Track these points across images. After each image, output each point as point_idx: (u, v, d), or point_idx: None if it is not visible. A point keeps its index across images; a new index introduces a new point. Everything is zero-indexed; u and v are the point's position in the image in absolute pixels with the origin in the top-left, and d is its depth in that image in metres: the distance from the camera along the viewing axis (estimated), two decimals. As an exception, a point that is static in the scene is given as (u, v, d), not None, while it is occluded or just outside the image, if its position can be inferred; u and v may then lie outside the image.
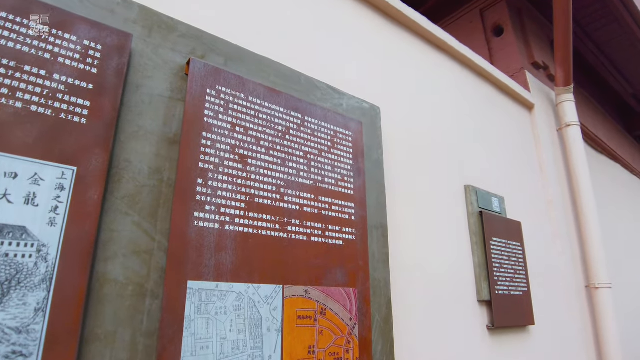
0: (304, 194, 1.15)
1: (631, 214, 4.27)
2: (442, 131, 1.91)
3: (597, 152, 3.97)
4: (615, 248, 3.59)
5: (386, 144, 1.58)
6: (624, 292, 3.39)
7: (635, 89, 4.76)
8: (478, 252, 1.79)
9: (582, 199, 2.62)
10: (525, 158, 2.50)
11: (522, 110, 2.66)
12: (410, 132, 1.74)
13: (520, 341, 1.90)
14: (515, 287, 1.91)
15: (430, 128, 1.85)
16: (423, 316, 1.48)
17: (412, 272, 1.50)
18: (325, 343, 1.06)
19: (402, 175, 1.62)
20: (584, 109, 3.94)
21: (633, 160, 4.68)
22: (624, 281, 3.48)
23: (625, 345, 2.91)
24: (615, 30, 3.93)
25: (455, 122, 2.01)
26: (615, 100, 4.89)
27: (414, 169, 1.68)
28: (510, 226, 2.02)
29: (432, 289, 1.56)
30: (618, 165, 4.29)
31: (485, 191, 1.97)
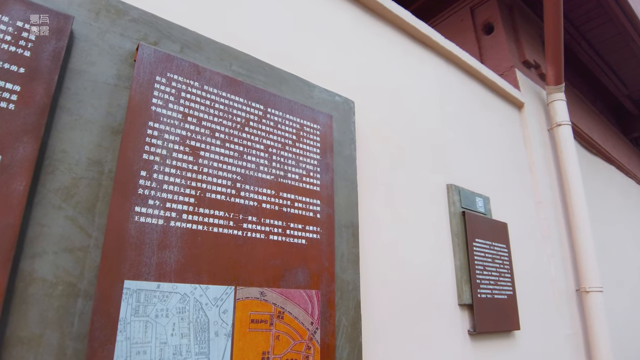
0: (263, 190, 1.08)
1: (626, 217, 4.20)
2: (425, 129, 1.84)
3: (591, 153, 3.90)
4: (609, 251, 3.51)
5: (362, 140, 1.51)
6: (617, 296, 3.31)
7: (630, 90, 4.69)
8: (459, 253, 1.72)
9: (573, 200, 2.55)
10: (514, 158, 2.43)
11: (512, 109, 2.59)
12: (390, 129, 1.67)
13: (504, 347, 1.83)
14: (500, 290, 1.83)
15: (412, 125, 1.78)
16: (398, 320, 1.41)
17: (387, 274, 1.43)
18: (282, 349, 0.99)
19: (380, 172, 1.55)
20: (578, 110, 3.88)
21: (629, 163, 4.61)
22: (617, 285, 3.40)
23: (617, 351, 2.83)
24: (609, 31, 3.87)
25: (439, 120, 1.94)
26: (610, 101, 4.82)
27: (393, 167, 1.61)
28: (496, 227, 1.94)
29: (408, 292, 1.48)
30: (613, 167, 4.22)
31: (469, 191, 1.90)
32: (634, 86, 4.66)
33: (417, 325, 1.47)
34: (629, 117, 5.06)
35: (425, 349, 1.47)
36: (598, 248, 3.27)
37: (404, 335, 1.42)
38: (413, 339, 1.44)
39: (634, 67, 4.32)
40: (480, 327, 1.67)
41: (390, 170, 1.59)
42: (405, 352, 1.40)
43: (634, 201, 4.59)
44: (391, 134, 1.66)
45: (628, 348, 3.16)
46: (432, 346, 1.50)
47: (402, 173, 1.64)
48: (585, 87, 4.44)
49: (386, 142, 1.63)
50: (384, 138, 1.62)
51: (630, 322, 3.42)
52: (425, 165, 1.76)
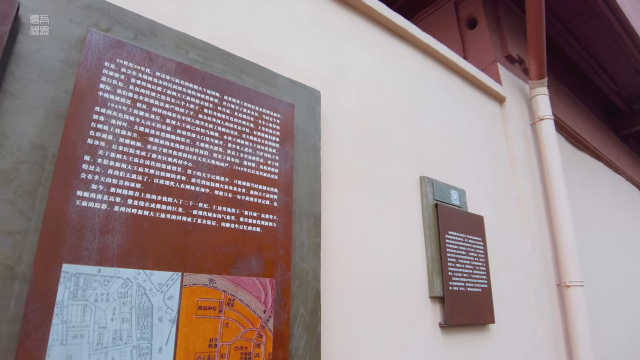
0: (216, 177, 1.08)
1: (614, 212, 4.19)
2: (398, 121, 1.84)
3: (579, 150, 3.89)
4: (596, 247, 3.51)
5: (330, 130, 1.50)
6: (602, 291, 3.30)
7: (620, 86, 4.68)
8: (431, 246, 1.71)
9: (555, 194, 2.54)
10: (494, 152, 2.42)
11: (493, 104, 2.59)
12: (361, 120, 1.66)
13: (478, 340, 1.82)
14: (474, 283, 1.82)
15: (384, 117, 1.77)
16: (364, 312, 1.40)
17: (354, 265, 1.42)
18: (232, 336, 0.98)
19: (349, 163, 1.54)
20: (565, 107, 3.87)
21: (618, 159, 4.60)
22: (603, 280, 3.39)
23: (599, 346, 2.82)
24: (596, 27, 3.87)
25: (413, 113, 1.94)
26: (600, 98, 4.81)
27: (363, 158, 1.61)
28: (471, 220, 1.94)
29: (376, 284, 1.48)
30: (601, 163, 4.22)
31: (444, 183, 1.90)
32: (623, 83, 4.65)
33: (385, 317, 1.46)
34: (620, 114, 5.05)
35: (393, 341, 1.46)
36: (584, 243, 3.27)
37: (371, 327, 1.41)
38: (380, 331, 1.43)
39: (622, 63, 4.31)
40: (451, 319, 1.66)
41: (360, 161, 1.58)
42: (372, 344, 1.39)
43: (622, 197, 4.58)
44: (362, 125, 1.65)
45: (610, 343, 3.15)
46: (400, 338, 1.49)
47: (372, 164, 1.63)
48: (574, 84, 4.43)
49: (356, 133, 1.62)
50: (354, 129, 1.62)
51: (617, 317, 3.41)
52: (398, 157, 1.75)
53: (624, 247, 4.18)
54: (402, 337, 1.50)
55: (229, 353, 0.97)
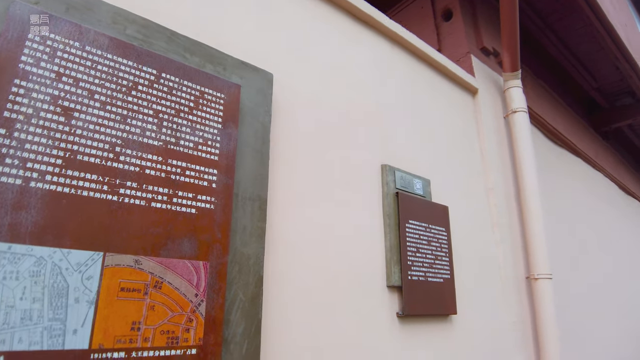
0: (148, 155, 1.04)
1: (592, 208, 4.21)
2: (360, 108, 1.81)
3: (557, 145, 3.90)
4: (573, 242, 3.52)
5: (284, 114, 1.47)
6: (576, 285, 3.31)
7: (599, 83, 4.70)
8: (390, 234, 1.69)
9: (526, 187, 2.54)
10: (464, 143, 2.40)
11: (465, 95, 2.57)
12: (320, 105, 1.63)
13: (438, 331, 1.80)
14: (435, 273, 1.80)
15: (346, 103, 1.74)
16: (314, 300, 1.37)
17: (304, 251, 1.39)
18: (157, 319, 0.95)
19: (304, 148, 1.51)
20: (544, 102, 3.87)
21: (596, 155, 4.62)
22: (577, 274, 3.40)
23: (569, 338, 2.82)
24: (575, 22, 3.87)
25: (378, 100, 1.91)
26: (580, 95, 4.83)
27: (320, 143, 1.57)
28: (434, 210, 1.92)
29: (329, 271, 1.45)
30: (579, 159, 4.23)
31: (407, 172, 1.87)
32: (603, 79, 4.66)
33: (337, 305, 1.44)
34: (599, 110, 5.07)
35: (345, 330, 1.43)
36: (560, 237, 3.27)
37: (321, 316, 1.38)
38: (331, 320, 1.41)
39: (601, 59, 4.32)
40: (409, 309, 1.64)
41: (317, 147, 1.55)
42: (322, 334, 1.36)
43: (601, 193, 4.60)
44: (321, 110, 1.62)
45: (581, 335, 3.16)
46: (354, 328, 1.47)
47: (330, 150, 1.60)
48: (554, 80, 4.43)
49: (314, 117, 1.59)
50: (312, 114, 1.58)
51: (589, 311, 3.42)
52: (358, 144, 1.72)
53: (600, 242, 4.20)
54: (355, 326, 1.47)
55: (153, 337, 0.93)
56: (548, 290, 2.39)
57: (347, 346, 1.42)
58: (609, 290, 4.06)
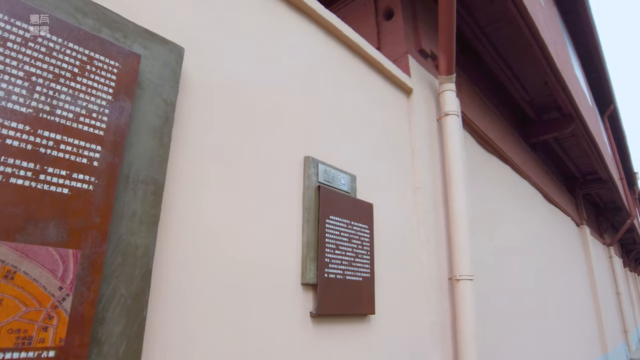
0: (12, 124, 0.88)
1: (516, 213, 4.41)
2: (286, 95, 1.72)
3: (488, 151, 4.04)
4: (495, 244, 3.65)
5: (195, 94, 1.34)
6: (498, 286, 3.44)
7: (531, 96, 4.95)
8: (308, 229, 1.61)
9: (453, 189, 2.57)
10: (396, 142, 2.39)
11: (399, 94, 2.56)
12: (239, 88, 1.52)
13: (355, 331, 1.75)
14: (354, 272, 1.75)
15: (269, 89, 1.64)
16: (216, 298, 1.26)
17: (209, 243, 1.28)
18: (5, 316, 0.80)
19: (217, 133, 1.39)
20: (478, 109, 4.00)
21: (524, 164, 4.86)
22: (500, 276, 3.54)
23: (489, 338, 2.91)
24: (511, 34, 4.02)
25: (306, 90, 1.83)
26: (513, 105, 5.06)
27: (236, 129, 1.46)
28: (358, 207, 1.87)
29: (236, 266, 1.34)
30: (507, 166, 4.42)
31: (332, 166, 1.81)
32: (534, 93, 4.92)
33: (243, 303, 1.34)
34: (529, 122, 5.35)
35: (250, 331, 1.34)
36: (485, 240, 3.38)
37: (224, 316, 1.27)
38: (236, 320, 1.30)
39: (533, 73, 4.53)
40: (324, 308, 1.57)
41: (232, 132, 1.44)
42: (224, 335, 1.26)
43: (525, 200, 4.85)
44: (240, 94, 1.51)
45: (501, 336, 3.29)
46: (261, 327, 1.37)
47: (248, 137, 1.50)
48: (490, 89, 4.60)
49: (231, 101, 1.47)
50: (229, 97, 1.47)
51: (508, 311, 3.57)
52: (280, 134, 1.63)
53: (523, 246, 4.42)
54: (263, 327, 1.38)
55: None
56: (469, 291, 2.43)
57: (253, 349, 1.33)
58: (528, 291, 4.28)
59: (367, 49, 2.29)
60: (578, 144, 6.18)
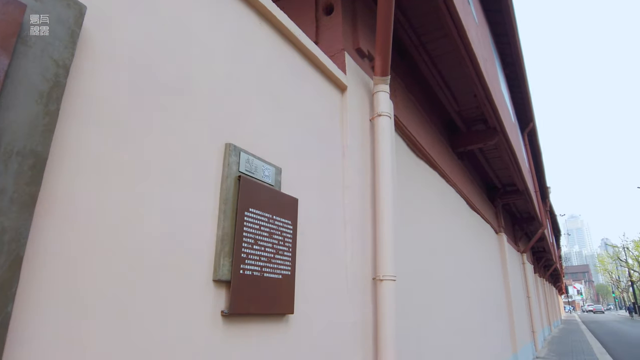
0: None
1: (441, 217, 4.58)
2: (210, 77, 1.59)
3: (418, 157, 4.15)
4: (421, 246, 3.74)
5: (97, 60, 1.18)
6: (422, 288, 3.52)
7: (460, 107, 5.18)
8: (225, 222, 1.50)
9: (381, 189, 2.57)
10: (327, 138, 2.34)
11: (334, 91, 2.52)
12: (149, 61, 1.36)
13: (271, 331, 1.66)
14: (273, 269, 1.66)
15: (189, 68, 1.51)
16: (110, 293, 1.11)
17: (103, 232, 1.12)
18: None
19: (123, 107, 1.23)
20: (412, 115, 4.09)
21: (451, 172, 5.08)
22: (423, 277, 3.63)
23: (411, 339, 2.96)
24: (445, 46, 4.16)
25: (233, 74, 1.71)
26: (443, 114, 5.26)
27: (147, 106, 1.31)
28: (282, 201, 1.78)
29: (135, 259, 1.19)
30: (436, 173, 4.58)
31: (255, 156, 1.71)
32: (463, 105, 5.15)
33: (141, 301, 1.19)
34: (458, 132, 5.60)
35: (152, 332, 1.20)
36: (411, 242, 3.44)
37: (121, 313, 1.12)
38: (134, 319, 1.16)
39: (463, 85, 4.74)
40: (237, 307, 1.46)
41: (137, 108, 1.29)
42: (120, 334, 1.11)
43: (450, 205, 5.06)
44: (151, 68, 1.36)
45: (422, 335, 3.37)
46: (164, 329, 1.24)
47: (156, 115, 1.35)
48: (423, 97, 4.74)
49: (140, 73, 1.32)
50: (137, 68, 1.31)
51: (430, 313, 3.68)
52: (198, 116, 1.50)
53: (447, 248, 4.60)
54: (164, 326, 1.24)
55: None
56: (391, 291, 2.44)
57: (153, 352, 1.19)
58: (450, 293, 4.45)
59: (304, 40, 2.22)
60: (500, 157, 6.60)
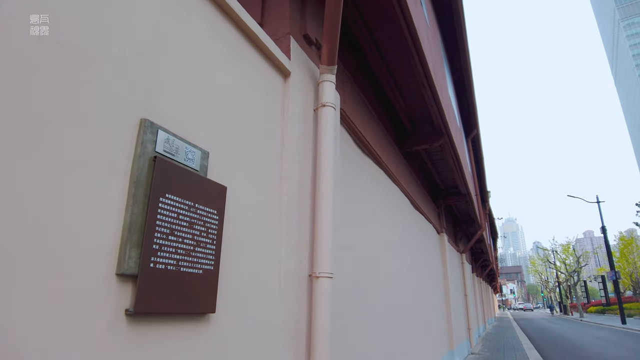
0: None
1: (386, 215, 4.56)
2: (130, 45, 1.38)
3: (364, 153, 4.08)
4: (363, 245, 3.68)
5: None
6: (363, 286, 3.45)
7: (408, 107, 5.18)
8: (135, 207, 1.30)
9: (322, 183, 2.46)
10: (264, 125, 2.18)
11: (275, 76, 2.36)
12: (57, 20, 1.15)
13: (189, 333, 1.48)
14: (193, 263, 1.49)
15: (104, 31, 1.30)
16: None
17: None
18: None
19: (12, 68, 1.02)
20: (360, 112, 4.02)
21: (396, 171, 5.08)
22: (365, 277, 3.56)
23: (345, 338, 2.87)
24: (396, 43, 4.11)
25: (159, 43, 1.51)
26: (392, 113, 5.25)
27: (46, 69, 1.10)
28: (207, 188, 1.61)
29: (17, 248, 0.98)
30: (382, 171, 4.55)
31: (178, 136, 1.52)
32: (411, 105, 5.15)
33: (23, 298, 0.98)
34: (405, 132, 5.63)
35: (33, 334, 0.99)
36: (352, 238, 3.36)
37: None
38: (6, 318, 0.95)
39: (412, 85, 4.73)
40: (145, 305, 1.27)
41: (36, 68, 1.07)
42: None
43: (395, 204, 5.07)
44: (58, 26, 1.14)
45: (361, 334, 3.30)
46: (50, 330, 1.03)
47: (61, 81, 1.14)
48: (373, 94, 4.69)
49: (45, 32, 1.10)
50: (39, 25, 1.10)
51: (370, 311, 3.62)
52: (108, 83, 1.29)
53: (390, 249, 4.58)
54: (54, 327, 1.04)
55: None
56: (327, 289, 2.33)
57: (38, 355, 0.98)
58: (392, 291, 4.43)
59: (245, 18, 2.04)
60: (445, 159, 6.73)
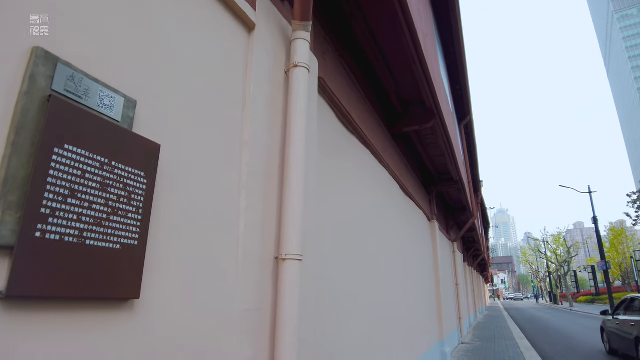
0: None
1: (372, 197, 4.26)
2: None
3: (349, 131, 3.77)
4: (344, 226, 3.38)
5: None
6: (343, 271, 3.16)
7: (398, 86, 4.85)
8: (15, 159, 0.98)
9: (293, 153, 2.14)
10: (222, 80, 1.86)
11: (237, 26, 2.03)
12: None
13: (100, 324, 1.17)
14: (105, 235, 1.17)
15: None
16: None
17: None
18: None
19: None
20: (345, 86, 3.69)
21: (384, 152, 4.77)
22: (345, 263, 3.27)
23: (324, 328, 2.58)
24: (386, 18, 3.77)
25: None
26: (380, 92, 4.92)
27: None
28: (131, 143, 1.29)
29: None
30: (368, 151, 4.24)
31: (91, 76, 1.20)
32: (401, 83, 4.82)
33: None
34: (395, 114, 5.31)
35: None
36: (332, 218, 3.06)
37: None
38: None
39: (402, 62, 4.38)
40: (24, 287, 0.96)
41: None
42: None
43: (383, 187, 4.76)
44: None
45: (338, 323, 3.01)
46: None
47: None
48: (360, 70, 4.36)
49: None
50: None
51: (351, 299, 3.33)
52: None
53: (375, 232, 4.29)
54: None
55: None
56: (295, 273, 2.03)
57: None
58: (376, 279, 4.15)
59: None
60: (436, 143, 6.42)
